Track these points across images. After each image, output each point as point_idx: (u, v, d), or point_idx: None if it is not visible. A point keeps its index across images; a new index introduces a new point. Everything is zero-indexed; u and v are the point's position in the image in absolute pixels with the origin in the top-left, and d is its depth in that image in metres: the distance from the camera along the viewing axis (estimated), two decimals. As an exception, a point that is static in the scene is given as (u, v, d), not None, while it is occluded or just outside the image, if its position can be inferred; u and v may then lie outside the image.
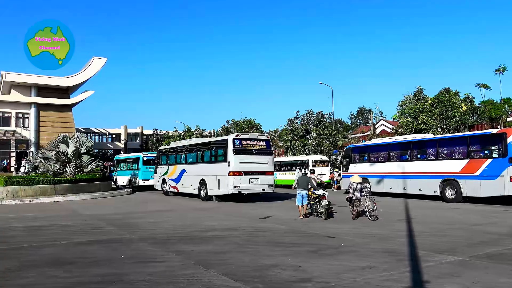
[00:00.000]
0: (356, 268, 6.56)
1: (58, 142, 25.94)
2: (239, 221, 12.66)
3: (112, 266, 6.85)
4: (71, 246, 8.77)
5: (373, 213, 12.43)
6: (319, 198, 12.79)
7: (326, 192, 13.22)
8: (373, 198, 12.80)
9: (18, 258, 7.55)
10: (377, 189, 21.63)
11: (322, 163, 30.86)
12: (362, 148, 24.44)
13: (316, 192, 12.94)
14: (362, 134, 48.90)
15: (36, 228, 11.62)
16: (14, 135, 46.56)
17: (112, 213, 15.15)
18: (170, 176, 24.12)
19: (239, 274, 6.26)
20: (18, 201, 19.48)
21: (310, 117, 42.93)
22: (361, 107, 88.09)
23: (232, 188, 18.17)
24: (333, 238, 9.36)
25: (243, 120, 51.06)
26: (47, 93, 47.97)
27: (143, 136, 72.35)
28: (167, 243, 9.03)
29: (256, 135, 20.83)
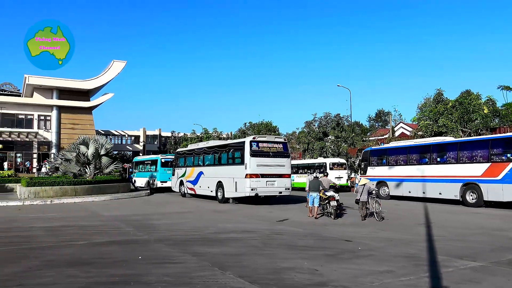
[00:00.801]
0: (373, 272, 6.47)
1: (79, 144, 26.40)
2: (256, 224, 12.65)
3: (129, 267, 6.92)
4: (90, 246, 8.89)
5: (378, 214, 13.17)
6: (328, 199, 13.59)
7: (336, 194, 13.90)
8: (378, 200, 13.52)
9: (38, 257, 7.69)
10: (396, 192, 21.35)
11: (340, 166, 30.62)
12: (380, 151, 24.16)
13: (327, 193, 13.77)
14: (381, 137, 48.29)
15: (56, 228, 11.84)
16: (36, 137, 47.60)
17: (130, 214, 15.32)
18: (188, 178, 24.27)
19: (255, 276, 6.25)
20: (40, 202, 19.88)
21: (328, 119, 42.62)
22: (380, 109, 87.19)
23: (249, 191, 18.17)
24: (350, 242, 9.26)
25: (260, 123, 51.05)
26: (68, 95, 48.97)
27: (162, 138, 73.10)
28: (184, 244, 9.08)
29: (273, 137, 20.79)
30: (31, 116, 48.26)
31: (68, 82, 48.89)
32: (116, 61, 49.42)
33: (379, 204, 13.35)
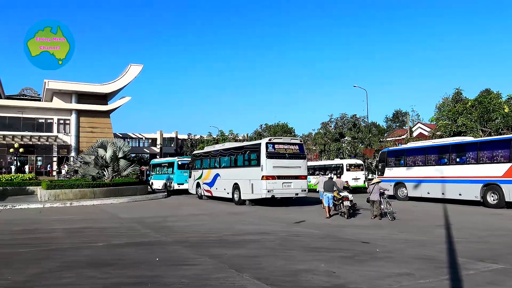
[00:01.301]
0: (392, 275, 6.40)
1: (97, 147, 26.77)
2: (272, 225, 12.64)
3: (147, 268, 6.98)
4: (108, 248, 9.02)
5: (390, 213, 13.54)
6: (342, 199, 14.13)
7: (350, 195, 14.50)
8: (390, 201, 14.02)
9: (59, 258, 7.82)
10: (415, 193, 21.07)
11: (357, 167, 30.34)
12: (398, 152, 23.88)
13: (341, 194, 14.36)
14: (398, 137, 47.76)
15: (76, 230, 12.03)
16: (56, 141, 48.51)
17: (148, 216, 15.47)
18: (204, 180, 24.38)
19: (272, 278, 6.24)
20: (60, 204, 20.23)
21: (344, 120, 42.32)
22: (397, 110, 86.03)
23: (265, 192, 18.16)
24: (367, 244, 9.17)
25: (276, 124, 50.99)
26: (86, 99, 49.80)
27: (178, 140, 73.69)
28: (200, 246, 9.12)
29: (289, 139, 20.74)
30: (51, 120, 49.22)
31: (87, 86, 49.75)
32: (133, 65, 50.06)
33: (390, 205, 13.76)
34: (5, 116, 46.82)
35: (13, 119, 47.12)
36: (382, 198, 13.82)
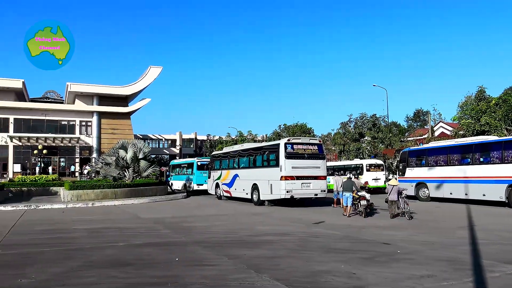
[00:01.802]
0: (413, 277, 6.28)
1: (118, 148, 27.15)
2: (292, 226, 12.59)
3: (167, 268, 7.04)
4: (129, 248, 9.12)
5: (407, 213, 13.84)
6: (359, 198, 14.62)
7: (368, 194, 14.91)
8: (407, 200, 14.33)
9: (80, 258, 7.95)
10: (437, 194, 20.69)
11: (377, 167, 29.98)
12: (419, 152, 23.48)
13: (359, 193, 14.81)
14: (420, 137, 46.98)
15: (97, 230, 12.22)
16: (78, 142, 49.46)
17: (168, 217, 15.60)
18: (223, 180, 24.46)
19: (291, 279, 6.20)
20: (82, 204, 20.59)
21: (364, 120, 41.87)
22: (418, 109, 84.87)
23: (284, 193, 18.10)
24: (388, 245, 9.03)
25: (295, 125, 50.81)
26: (107, 101, 50.67)
27: (197, 141, 74.21)
28: (220, 246, 9.14)
29: (308, 139, 20.63)
30: (73, 122, 50.22)
31: (108, 89, 50.61)
32: (153, 67, 50.68)
33: (408, 204, 14.09)
34: (29, 118, 47.99)
35: (37, 121, 48.26)
36: (400, 198, 14.14)
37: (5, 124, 47.18)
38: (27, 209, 19.10)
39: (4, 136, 46.56)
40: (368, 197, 14.82)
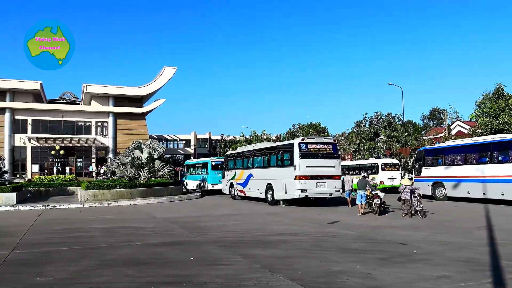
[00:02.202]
0: (430, 278, 6.19)
1: (133, 148, 27.41)
2: (306, 226, 12.54)
3: (182, 268, 7.08)
4: (144, 247, 9.20)
5: (421, 211, 14.14)
6: (373, 197, 15.01)
7: (382, 194, 15.34)
8: (420, 199, 14.47)
9: (97, 257, 8.05)
10: (454, 193, 20.38)
11: (393, 167, 29.64)
12: (436, 151, 23.16)
13: (373, 192, 15.19)
14: (436, 135, 46.37)
15: (113, 229, 12.36)
16: (94, 143, 50.11)
17: (182, 216, 15.69)
18: (238, 180, 24.50)
19: (306, 279, 6.18)
20: (98, 204, 20.85)
21: (379, 119, 41.44)
22: (434, 107, 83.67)
23: (299, 193, 18.04)
24: (404, 245, 8.93)
25: (309, 124, 50.59)
26: (123, 102, 51.21)
27: (212, 141, 74.51)
28: (234, 246, 9.16)
29: (323, 138, 20.53)
30: (89, 123, 50.89)
31: (123, 90, 51.16)
32: (167, 68, 51.03)
33: (421, 203, 14.38)
34: (47, 119, 48.79)
35: (54, 122, 49.03)
36: (413, 196, 14.37)
37: (23, 125, 48.06)
38: (45, 208, 19.42)
39: (23, 137, 47.42)
40: (382, 195, 15.18)
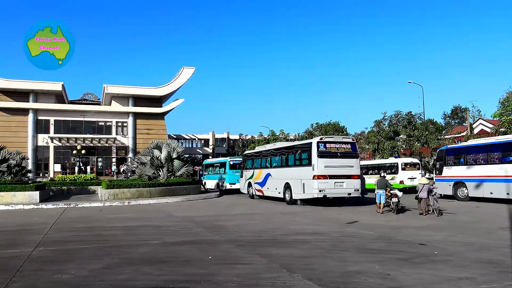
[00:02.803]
0: (451, 279, 6.08)
1: (152, 148, 27.71)
2: (325, 226, 12.47)
3: (200, 266, 7.12)
4: (163, 245, 9.29)
5: (437, 209, 14.56)
6: (391, 196, 15.58)
7: (400, 193, 15.88)
8: (436, 198, 14.98)
9: (117, 255, 8.17)
10: (476, 194, 19.95)
11: (413, 166, 29.15)
12: (457, 150, 22.71)
13: (391, 191, 15.73)
14: (458, 134, 45.52)
15: (133, 228, 12.52)
16: (114, 142, 50.90)
17: (201, 215, 15.79)
18: (256, 180, 24.52)
19: (324, 279, 6.14)
20: (118, 203, 21.15)
21: (399, 118, 40.93)
22: (456, 105, 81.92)
23: (317, 192, 17.94)
24: (425, 246, 8.79)
25: (327, 123, 50.32)
26: (142, 102, 51.89)
27: (230, 141, 74.74)
28: (252, 245, 9.16)
29: (341, 137, 20.36)
30: (110, 123, 51.73)
31: (142, 90, 51.80)
32: (186, 68, 51.45)
33: (437, 201, 14.87)
34: (68, 120, 49.81)
35: (76, 122, 50.02)
36: (430, 195, 14.79)
37: (46, 126, 49.16)
38: (67, 207, 19.81)
39: (45, 137, 48.52)
40: (400, 195, 15.70)
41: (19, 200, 20.60)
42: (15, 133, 46.96)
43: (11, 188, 21.25)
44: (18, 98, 48.16)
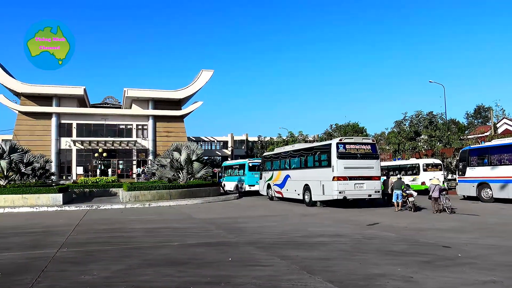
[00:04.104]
0: (476, 282, 5.93)
1: (172, 150, 27.96)
2: (345, 228, 12.34)
3: (220, 268, 7.13)
4: (183, 247, 9.35)
5: (449, 208, 15.65)
6: (407, 196, 16.88)
7: (415, 193, 17.28)
8: (448, 197, 16.15)
9: (138, 256, 8.25)
10: (501, 195, 19.46)
11: (435, 167, 28.66)
12: (481, 150, 22.20)
13: (407, 192, 17.00)
14: (481, 134, 44.52)
15: (153, 229, 12.64)
16: (135, 145, 51.56)
17: (220, 217, 15.83)
18: (275, 181, 24.47)
19: (345, 282, 6.07)
20: (139, 205, 21.40)
21: (420, 118, 40.21)
22: (479, 105, 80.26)
23: (337, 194, 17.80)
24: (448, 248, 8.60)
25: (347, 124, 49.88)
26: (162, 105, 52.43)
27: (248, 143, 74.75)
28: (272, 247, 9.13)
29: (361, 138, 20.15)
30: (130, 126, 52.46)
31: (162, 93, 52.37)
32: (204, 71, 51.79)
33: (449, 200, 15.92)
34: (90, 123, 50.72)
35: (97, 125, 50.89)
36: (441, 195, 15.88)
37: (68, 129, 50.14)
38: (89, 209, 20.15)
39: (68, 141, 49.49)
40: (415, 195, 17.07)
41: (43, 202, 21.06)
42: (39, 136, 48.01)
43: (35, 190, 21.74)
44: (41, 102, 49.26)
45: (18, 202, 20.83)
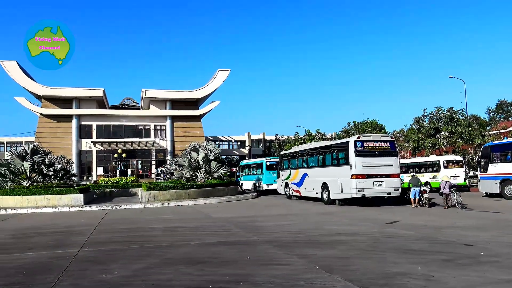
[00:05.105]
0: (499, 281, 5.82)
1: (190, 150, 28.15)
2: (364, 226, 12.24)
3: (238, 267, 7.16)
4: (202, 246, 9.41)
5: (459, 203, 16.35)
6: (422, 192, 17.69)
7: (428, 189, 18.72)
8: (459, 193, 17.00)
9: (158, 255, 8.34)
10: (525, 192, 19.02)
11: (456, 164, 28.16)
12: (504, 146, 21.73)
13: (422, 188, 17.83)
14: (504, 130, 43.53)
15: (173, 229, 12.76)
16: (153, 145, 52.11)
17: (239, 216, 15.88)
18: (293, 180, 24.42)
19: (364, 281, 6.02)
20: (158, 204, 21.63)
21: (440, 114, 39.54)
22: (501, 100, 78.41)
23: (355, 192, 17.66)
24: (470, 246, 8.45)
25: (365, 122, 49.39)
26: (179, 106, 52.88)
27: (266, 141, 74.77)
28: (290, 246, 9.12)
29: (379, 136, 19.95)
30: (148, 127, 53.07)
31: (179, 93, 52.81)
32: (221, 70, 52.01)
33: (460, 196, 16.66)
34: (109, 124, 51.49)
35: (117, 126, 51.65)
36: (451, 191, 16.81)
37: (88, 131, 51.02)
38: (110, 209, 20.46)
39: (88, 142, 50.35)
40: (428, 191, 18.30)
41: (65, 202, 21.48)
42: (60, 138, 48.99)
43: (57, 191, 22.18)
44: (62, 104, 50.22)
45: (40, 202, 21.29)
